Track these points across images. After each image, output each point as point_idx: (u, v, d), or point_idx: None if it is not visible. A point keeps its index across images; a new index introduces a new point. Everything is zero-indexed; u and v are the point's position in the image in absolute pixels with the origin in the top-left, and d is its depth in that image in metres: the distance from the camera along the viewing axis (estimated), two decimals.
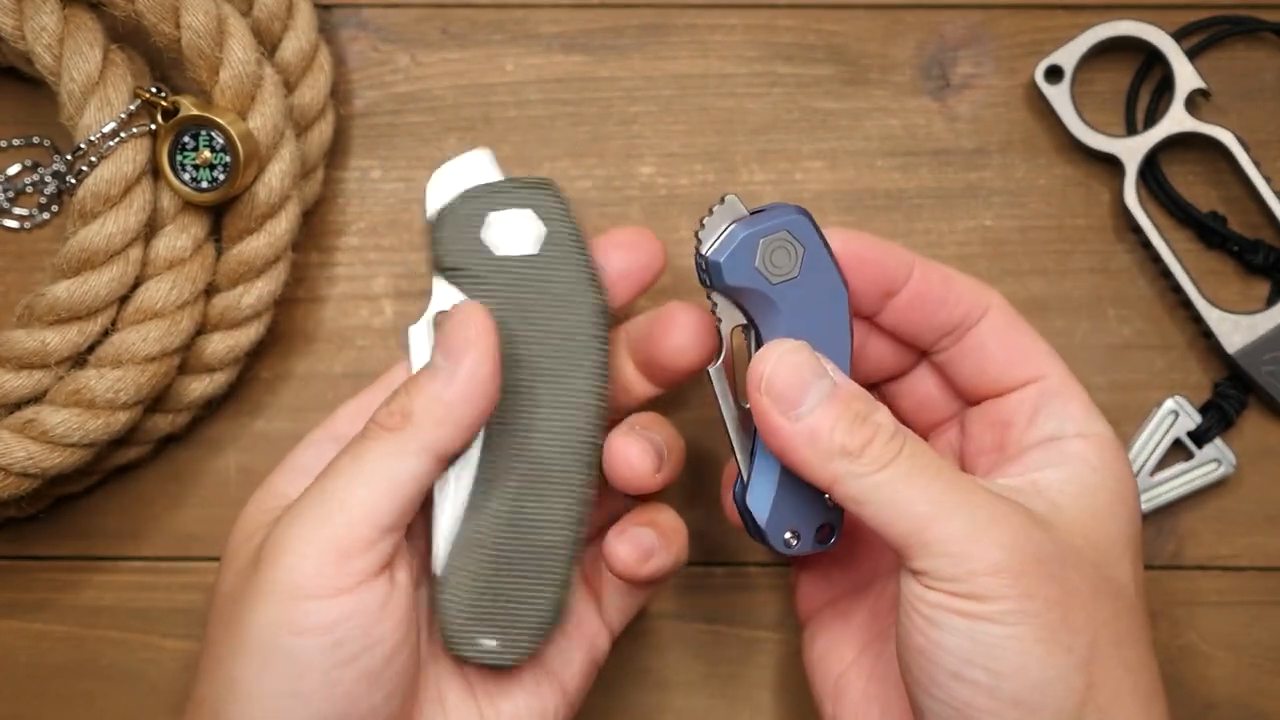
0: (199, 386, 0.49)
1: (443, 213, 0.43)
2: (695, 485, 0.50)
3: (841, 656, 0.44)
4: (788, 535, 0.42)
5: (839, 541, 0.43)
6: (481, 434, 0.42)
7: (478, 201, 0.43)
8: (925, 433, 0.46)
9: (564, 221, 0.43)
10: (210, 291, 0.48)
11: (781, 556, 0.45)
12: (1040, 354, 0.43)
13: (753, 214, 0.41)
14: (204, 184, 0.47)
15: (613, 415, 0.44)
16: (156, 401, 0.48)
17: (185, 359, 0.48)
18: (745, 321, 0.41)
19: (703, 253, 0.41)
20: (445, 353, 0.41)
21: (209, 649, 0.41)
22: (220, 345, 0.48)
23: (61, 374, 0.46)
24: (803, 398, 0.39)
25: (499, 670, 0.43)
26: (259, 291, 0.48)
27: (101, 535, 0.51)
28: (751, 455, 0.42)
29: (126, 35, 0.48)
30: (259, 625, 0.39)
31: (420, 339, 0.43)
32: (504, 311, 0.42)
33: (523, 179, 0.43)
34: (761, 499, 0.42)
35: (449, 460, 0.41)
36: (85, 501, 0.51)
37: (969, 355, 0.43)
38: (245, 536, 0.42)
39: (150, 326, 0.46)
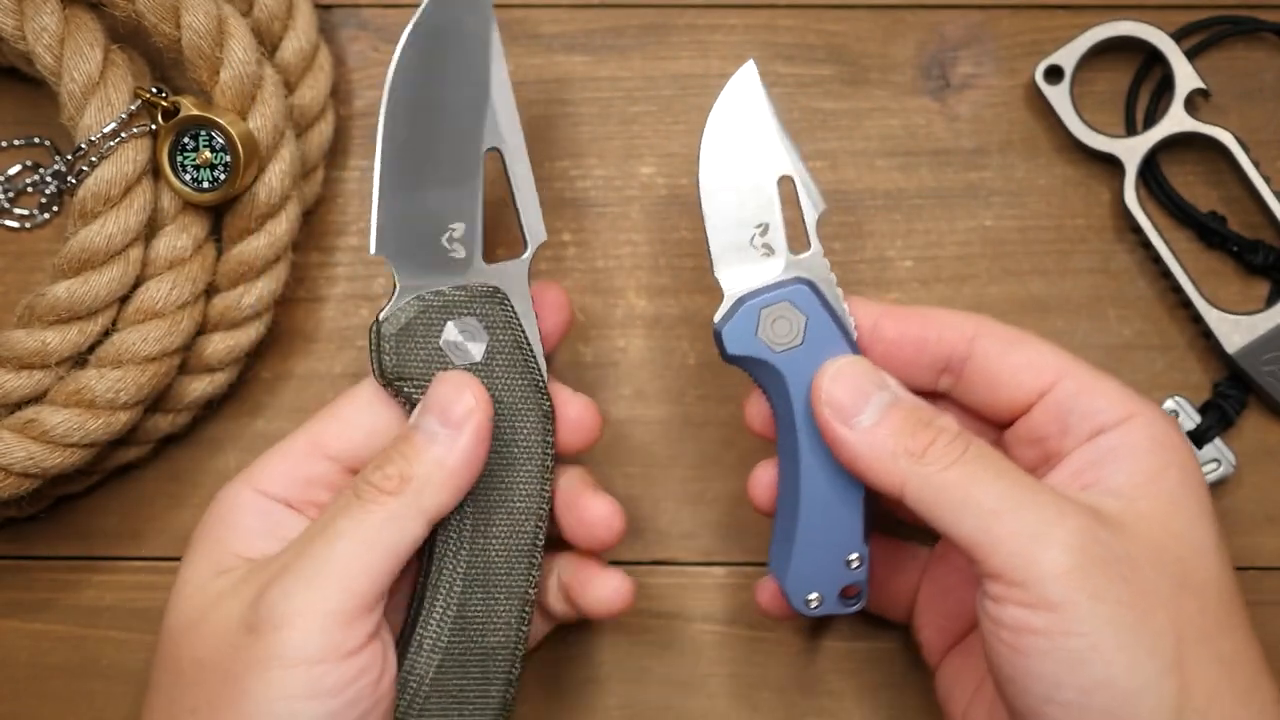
0: (199, 386, 0.49)
1: (408, 324, 0.42)
2: (694, 485, 0.50)
3: (964, 691, 0.44)
4: (810, 598, 0.43)
5: (865, 603, 0.44)
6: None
7: (436, 310, 0.42)
8: None
9: (509, 329, 0.43)
10: (210, 291, 0.48)
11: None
12: (1047, 360, 0.42)
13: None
14: (204, 184, 0.47)
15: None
16: (156, 401, 0.48)
17: (185, 359, 0.48)
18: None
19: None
20: (445, 420, 0.41)
21: (195, 714, 0.40)
22: (220, 345, 0.48)
23: (62, 374, 0.46)
24: (864, 406, 0.40)
25: None
26: (259, 291, 0.48)
27: (101, 535, 0.51)
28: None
29: (127, 35, 0.48)
30: (268, 695, 0.38)
31: None
32: None
33: (471, 286, 0.43)
34: (781, 560, 0.43)
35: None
36: (85, 501, 0.51)
37: (976, 384, 0.43)
38: (208, 602, 0.41)
39: (150, 326, 0.46)
